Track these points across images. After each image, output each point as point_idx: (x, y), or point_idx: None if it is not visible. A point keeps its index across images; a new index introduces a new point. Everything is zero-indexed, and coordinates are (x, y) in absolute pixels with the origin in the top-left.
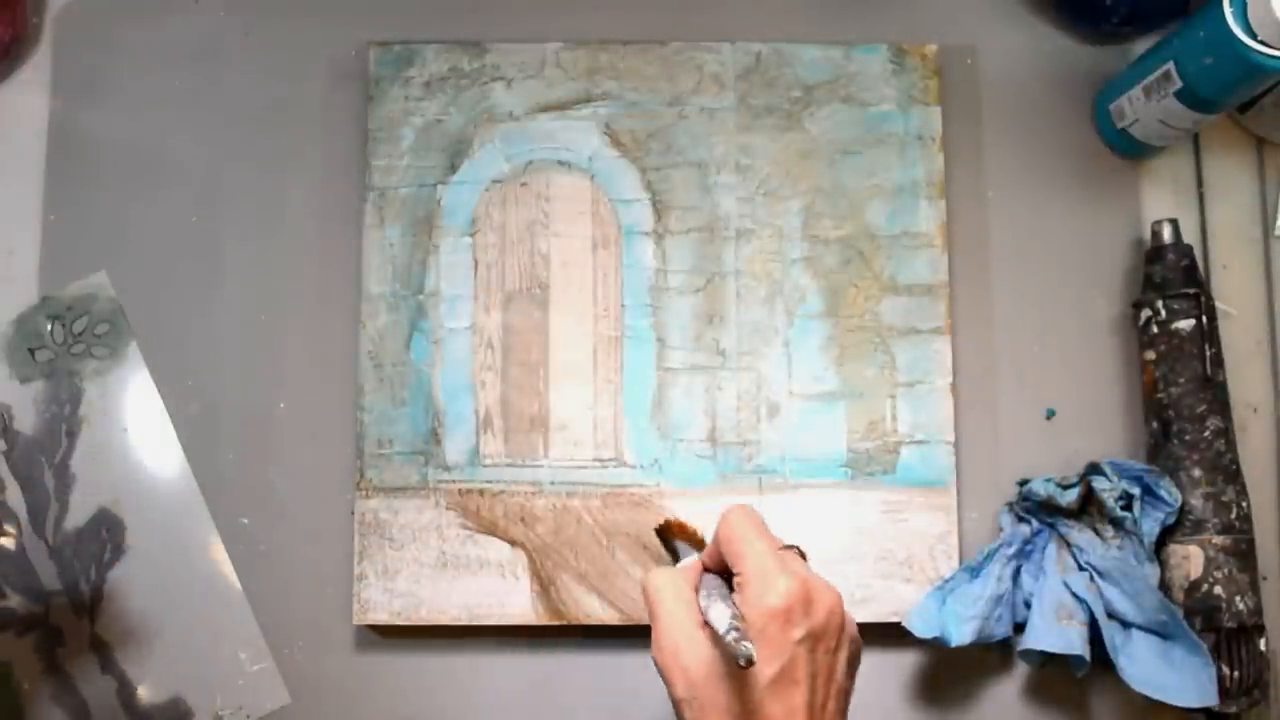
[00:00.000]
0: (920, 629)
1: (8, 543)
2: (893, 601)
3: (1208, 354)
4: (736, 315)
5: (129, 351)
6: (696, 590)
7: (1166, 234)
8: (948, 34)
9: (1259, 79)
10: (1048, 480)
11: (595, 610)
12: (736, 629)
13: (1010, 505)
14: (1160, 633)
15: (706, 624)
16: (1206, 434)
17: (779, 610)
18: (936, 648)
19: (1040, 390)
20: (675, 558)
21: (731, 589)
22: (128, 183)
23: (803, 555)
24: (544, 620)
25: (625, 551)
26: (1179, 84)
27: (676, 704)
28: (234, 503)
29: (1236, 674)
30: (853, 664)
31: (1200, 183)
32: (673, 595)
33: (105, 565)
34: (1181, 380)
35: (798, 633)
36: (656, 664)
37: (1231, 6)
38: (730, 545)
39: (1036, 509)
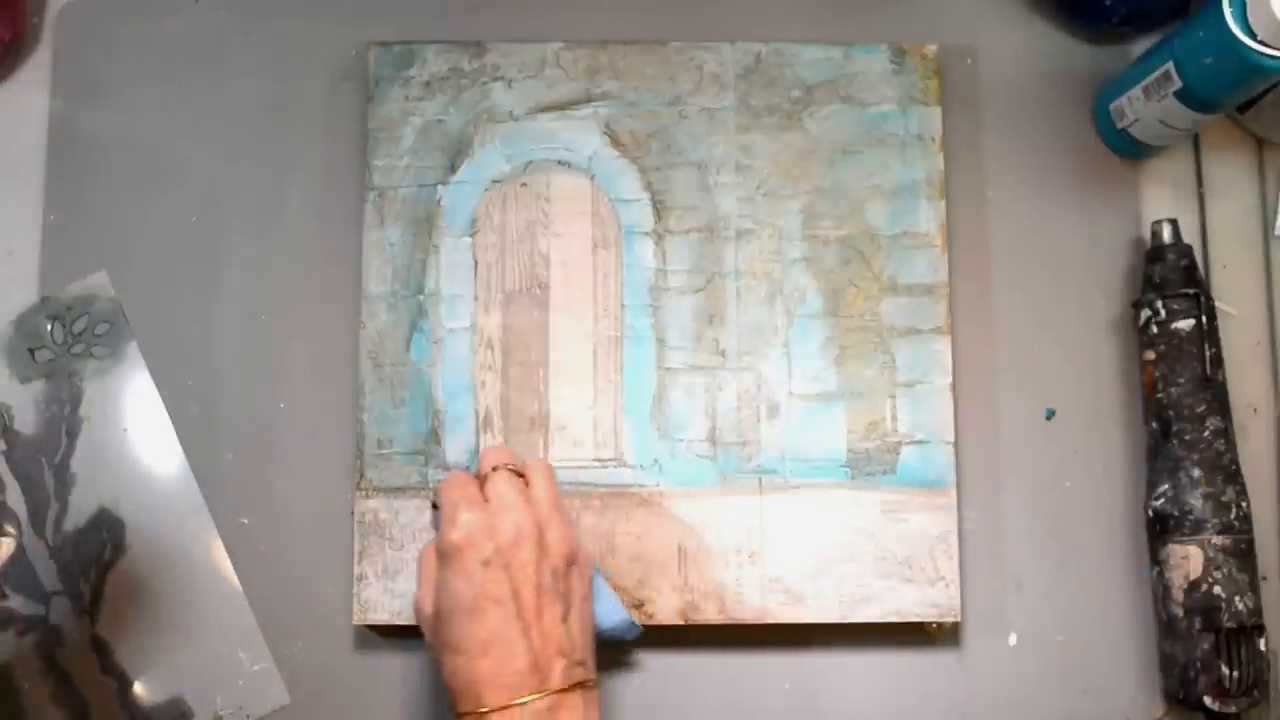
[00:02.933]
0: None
1: (7, 544)
2: (893, 601)
3: (1208, 354)
4: (736, 315)
5: (129, 351)
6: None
7: (1166, 234)
8: (948, 34)
9: (1259, 79)
10: None
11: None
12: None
13: None
14: None
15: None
16: (1206, 434)
17: (458, 541)
18: (939, 648)
19: (1040, 390)
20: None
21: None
22: (128, 183)
23: (517, 473)
24: None
25: (625, 551)
26: (1179, 84)
27: (430, 654)
28: (234, 503)
29: (1236, 674)
30: (569, 571)
31: (1200, 183)
32: (422, 557)
33: (105, 565)
34: (1181, 380)
35: (485, 554)
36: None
37: (1231, 6)
38: (440, 493)
39: None
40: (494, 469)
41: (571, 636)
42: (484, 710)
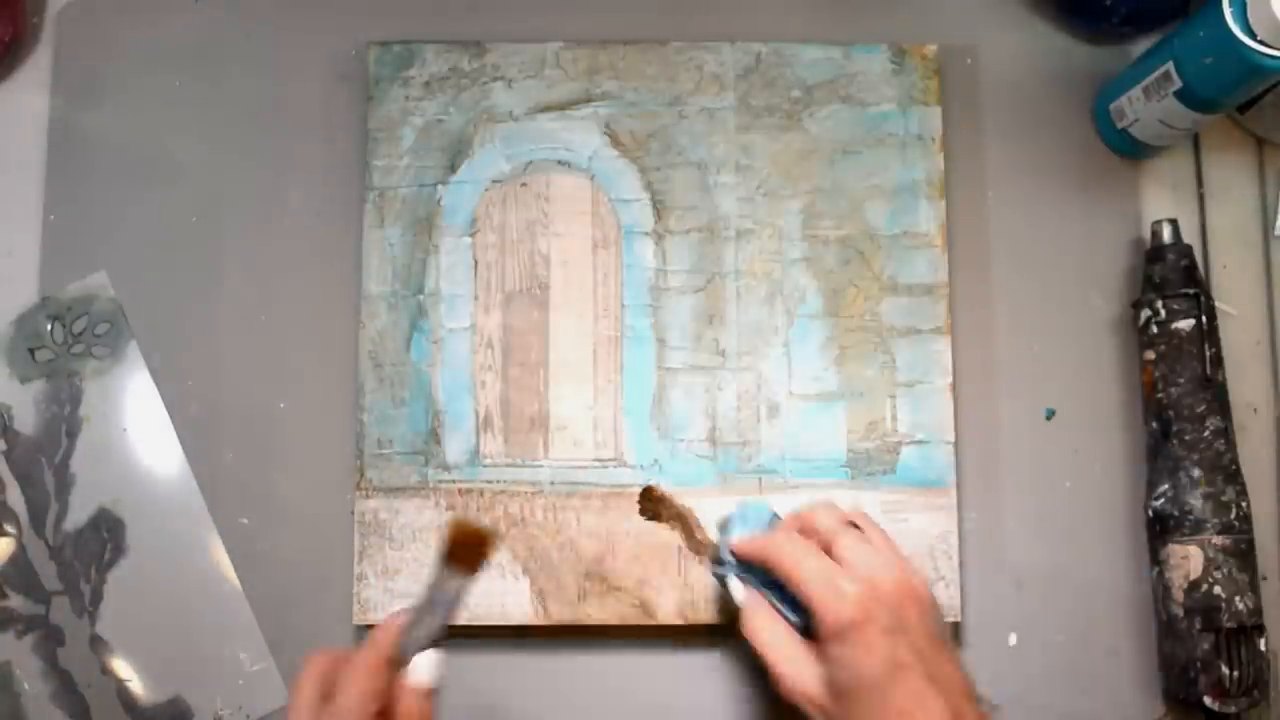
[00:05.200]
0: None
1: (7, 544)
2: None
3: (1207, 354)
4: (736, 315)
5: (129, 351)
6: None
7: (1166, 234)
8: (948, 34)
9: (1259, 79)
10: None
11: (595, 610)
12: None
13: None
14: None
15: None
16: (1206, 434)
17: (857, 619)
18: None
19: (1040, 390)
20: (684, 527)
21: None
22: (128, 183)
23: (854, 526)
24: (544, 620)
25: (625, 552)
26: (1179, 84)
27: None
28: (234, 503)
29: (1236, 674)
30: (931, 613)
31: (1200, 183)
32: (763, 626)
33: (105, 565)
34: (1181, 380)
35: (884, 623)
36: (786, 699)
37: (1231, 6)
38: (776, 558)
39: None
40: (838, 527)
41: (965, 675)
42: None
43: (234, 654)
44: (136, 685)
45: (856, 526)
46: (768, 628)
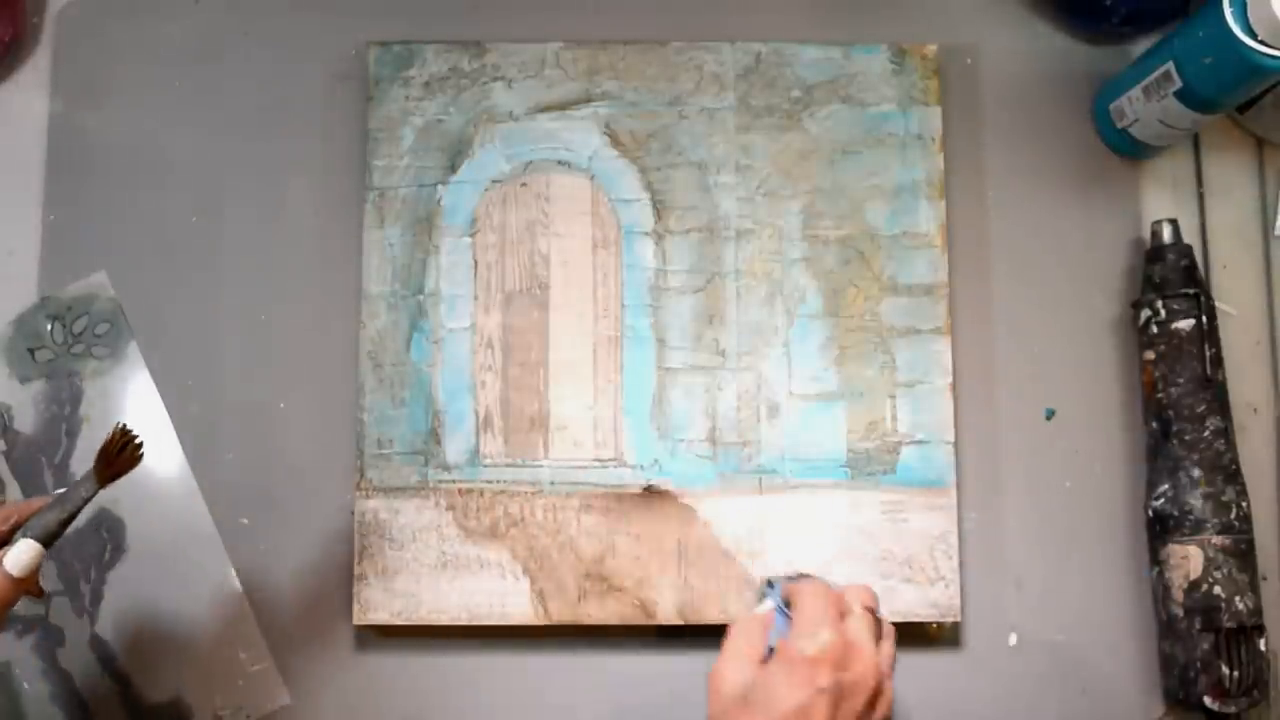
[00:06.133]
0: None
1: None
2: (893, 601)
3: (1207, 354)
4: (736, 315)
5: (129, 351)
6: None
7: (1166, 234)
8: (948, 34)
9: (1259, 79)
10: None
11: (595, 611)
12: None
13: None
14: None
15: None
16: (1206, 434)
17: (811, 656)
18: (939, 648)
19: (1040, 390)
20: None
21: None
22: (128, 183)
23: (878, 621)
24: (544, 620)
25: (625, 551)
26: (1179, 84)
27: (711, 714)
28: (234, 503)
29: (1236, 674)
30: None
31: (1200, 183)
32: (743, 630)
33: (105, 565)
34: (1181, 380)
35: (823, 681)
36: (709, 682)
37: (1231, 6)
38: (797, 595)
39: None
40: (860, 607)
41: None
42: None
43: (234, 654)
44: (136, 685)
45: (878, 621)
46: (747, 629)
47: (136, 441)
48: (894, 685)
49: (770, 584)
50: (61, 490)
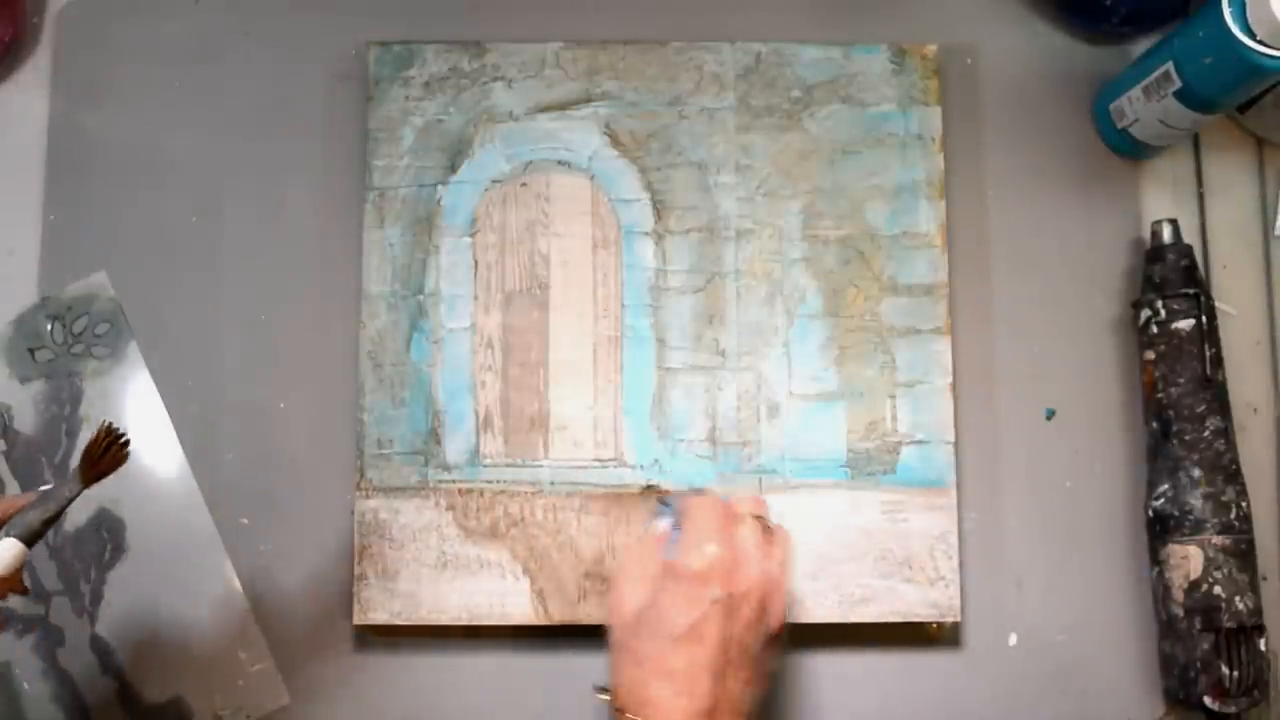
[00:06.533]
0: None
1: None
2: (893, 601)
3: (1207, 354)
4: (736, 315)
5: (129, 351)
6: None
7: (1166, 234)
8: (948, 34)
9: (1258, 79)
10: None
11: (595, 611)
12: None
13: None
14: None
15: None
16: (1206, 434)
17: (698, 571)
18: (939, 648)
19: (1040, 390)
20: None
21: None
22: (128, 183)
23: (767, 528)
24: (544, 620)
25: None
26: (1179, 84)
27: (610, 646)
28: (234, 503)
29: (1236, 674)
30: (771, 644)
31: (1200, 183)
32: (637, 551)
33: (105, 565)
34: (1181, 380)
35: (712, 593)
36: (608, 607)
37: (1231, 7)
38: (687, 510)
39: None
40: (749, 515)
41: (750, 704)
42: None
43: (234, 654)
44: (136, 685)
45: (769, 528)
46: (641, 550)
47: (122, 440)
48: (787, 588)
49: (664, 502)
50: (46, 487)
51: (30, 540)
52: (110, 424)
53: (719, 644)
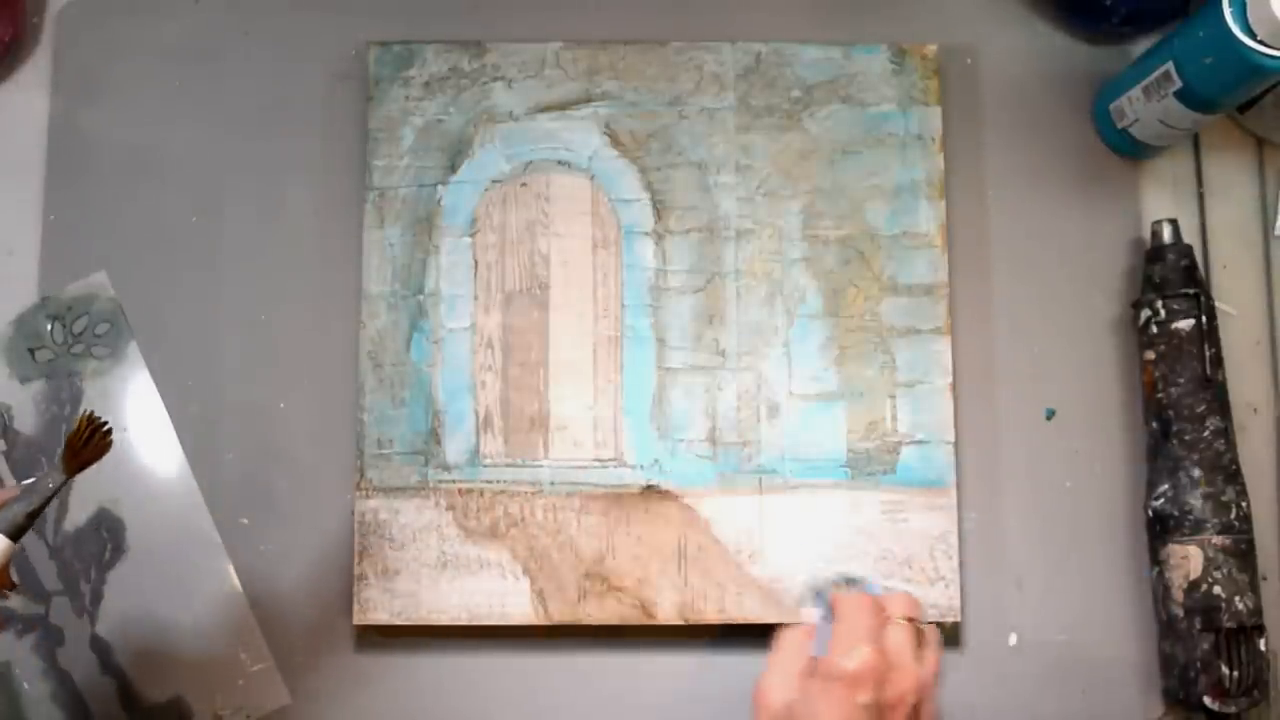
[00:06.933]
0: None
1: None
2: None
3: (1207, 354)
4: (736, 315)
5: (129, 351)
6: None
7: (1166, 234)
8: (948, 34)
9: (1259, 79)
10: None
11: (595, 611)
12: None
13: None
14: None
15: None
16: (1206, 434)
17: (849, 674)
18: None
19: (1040, 390)
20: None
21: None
22: (128, 183)
23: (920, 631)
24: (544, 620)
25: (625, 551)
26: (1179, 84)
27: None
28: (234, 503)
29: (1236, 674)
30: None
31: (1200, 183)
32: (788, 643)
33: (105, 565)
34: (1181, 380)
35: (863, 699)
36: (753, 697)
37: (1231, 6)
38: (838, 606)
39: None
40: (902, 619)
41: None
42: None
43: (234, 654)
44: (136, 685)
45: (920, 630)
46: (794, 642)
47: (104, 429)
48: (938, 693)
49: (817, 594)
50: (29, 480)
51: (14, 534)
52: (91, 412)
53: None
